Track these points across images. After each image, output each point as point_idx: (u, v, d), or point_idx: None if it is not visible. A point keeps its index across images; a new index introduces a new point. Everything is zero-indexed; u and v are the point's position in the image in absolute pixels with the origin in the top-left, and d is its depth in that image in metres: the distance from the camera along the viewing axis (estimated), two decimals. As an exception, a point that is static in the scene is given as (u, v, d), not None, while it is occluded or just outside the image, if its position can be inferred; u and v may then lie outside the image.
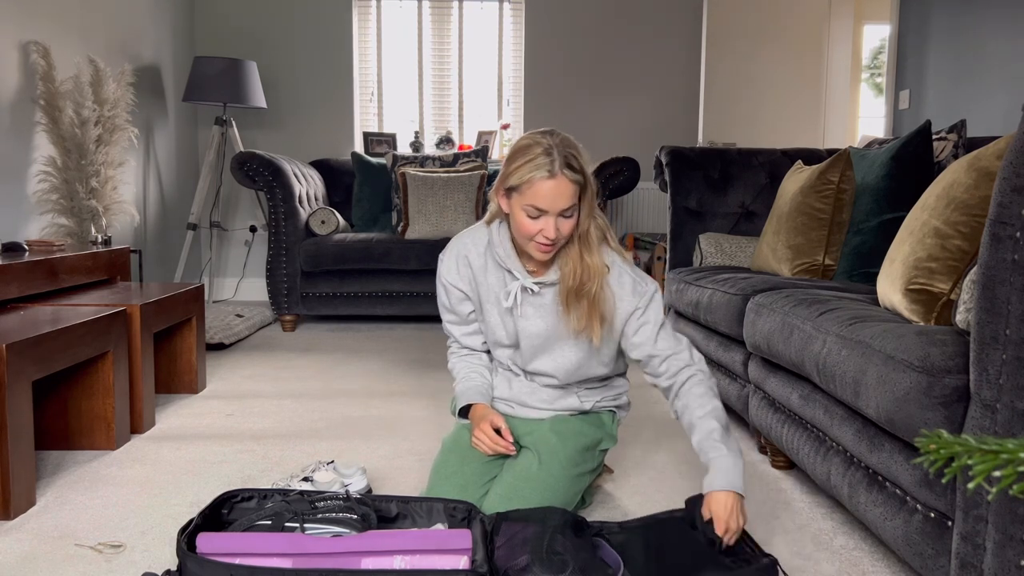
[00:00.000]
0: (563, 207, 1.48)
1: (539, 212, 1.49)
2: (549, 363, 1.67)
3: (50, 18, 3.35)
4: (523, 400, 1.72)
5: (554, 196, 1.47)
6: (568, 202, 1.48)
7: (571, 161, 1.48)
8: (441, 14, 5.03)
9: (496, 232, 1.64)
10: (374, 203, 4.41)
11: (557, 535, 1.37)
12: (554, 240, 1.51)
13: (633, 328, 1.60)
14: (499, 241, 1.62)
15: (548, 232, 1.49)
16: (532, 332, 1.64)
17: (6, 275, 2.16)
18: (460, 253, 1.68)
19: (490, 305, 1.67)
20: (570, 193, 1.48)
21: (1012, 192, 1.02)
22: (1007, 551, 1.04)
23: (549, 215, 1.49)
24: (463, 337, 1.76)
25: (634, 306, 1.59)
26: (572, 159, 1.48)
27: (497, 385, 1.76)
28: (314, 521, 1.44)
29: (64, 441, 2.09)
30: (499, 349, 1.72)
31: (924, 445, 0.48)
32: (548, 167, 1.46)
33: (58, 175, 3.23)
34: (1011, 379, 1.03)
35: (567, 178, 1.47)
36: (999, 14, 3.62)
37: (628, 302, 1.59)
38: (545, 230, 1.49)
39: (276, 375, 2.97)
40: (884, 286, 1.64)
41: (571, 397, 1.71)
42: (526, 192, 1.49)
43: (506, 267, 1.62)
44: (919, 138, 2.38)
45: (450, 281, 1.70)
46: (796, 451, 1.76)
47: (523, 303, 1.62)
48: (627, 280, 1.60)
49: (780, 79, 5.27)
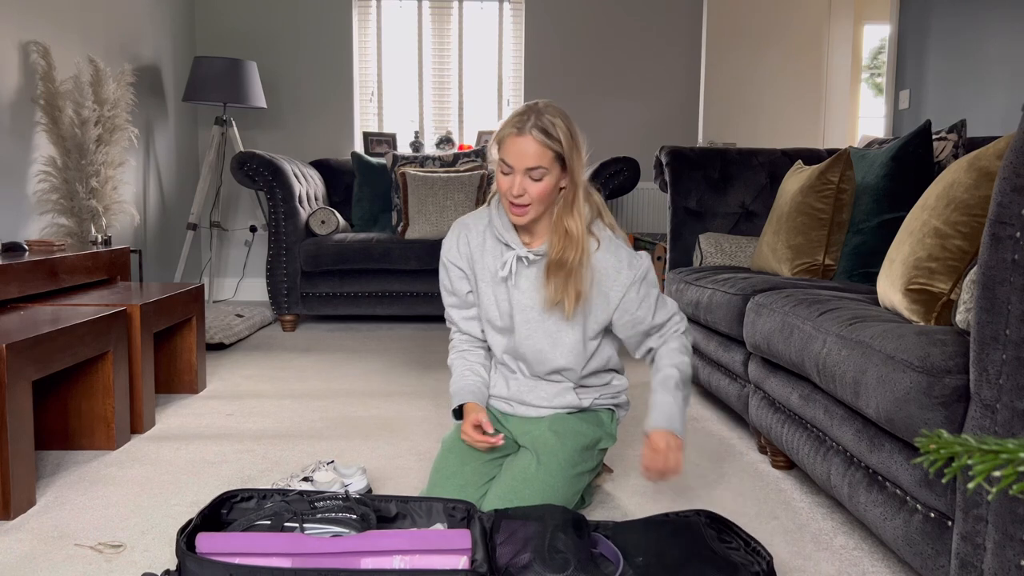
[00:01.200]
0: (528, 165, 1.53)
1: (509, 168, 1.56)
2: (541, 344, 1.67)
3: (50, 18, 3.35)
4: (522, 398, 1.72)
5: (519, 153, 1.53)
6: (534, 162, 1.53)
7: (547, 126, 1.53)
8: (441, 14, 5.03)
9: (496, 208, 1.70)
10: (374, 203, 4.41)
11: (558, 533, 1.37)
12: (521, 199, 1.56)
13: (635, 302, 1.64)
14: (498, 215, 1.68)
15: (514, 188, 1.55)
16: (526, 304, 1.66)
17: (6, 275, 2.16)
18: (460, 232, 1.74)
19: (485, 284, 1.70)
20: (535, 153, 1.53)
21: (1012, 192, 1.02)
22: (1007, 551, 1.04)
23: (516, 172, 1.55)
24: (463, 322, 1.78)
25: (631, 278, 1.63)
26: (549, 125, 1.53)
27: (495, 384, 1.76)
28: (313, 521, 1.44)
29: (64, 441, 2.09)
30: (494, 336, 1.73)
31: (924, 445, 0.48)
32: (517, 125, 1.54)
33: (58, 175, 3.23)
34: (1011, 379, 1.03)
35: (534, 139, 1.53)
36: (999, 14, 3.63)
37: (625, 275, 1.63)
38: (513, 187, 1.55)
39: (276, 375, 2.97)
40: (884, 286, 1.64)
41: (570, 394, 1.70)
42: (501, 148, 1.57)
43: (504, 240, 1.66)
44: (919, 138, 2.38)
45: (450, 259, 1.74)
46: (796, 451, 1.76)
47: (518, 273, 1.66)
48: (623, 253, 1.65)
49: (780, 79, 5.27)
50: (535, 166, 1.54)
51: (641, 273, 1.64)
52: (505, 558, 1.34)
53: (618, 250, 1.64)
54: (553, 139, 1.54)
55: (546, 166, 1.54)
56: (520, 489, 1.58)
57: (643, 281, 1.64)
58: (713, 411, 2.57)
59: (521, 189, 1.55)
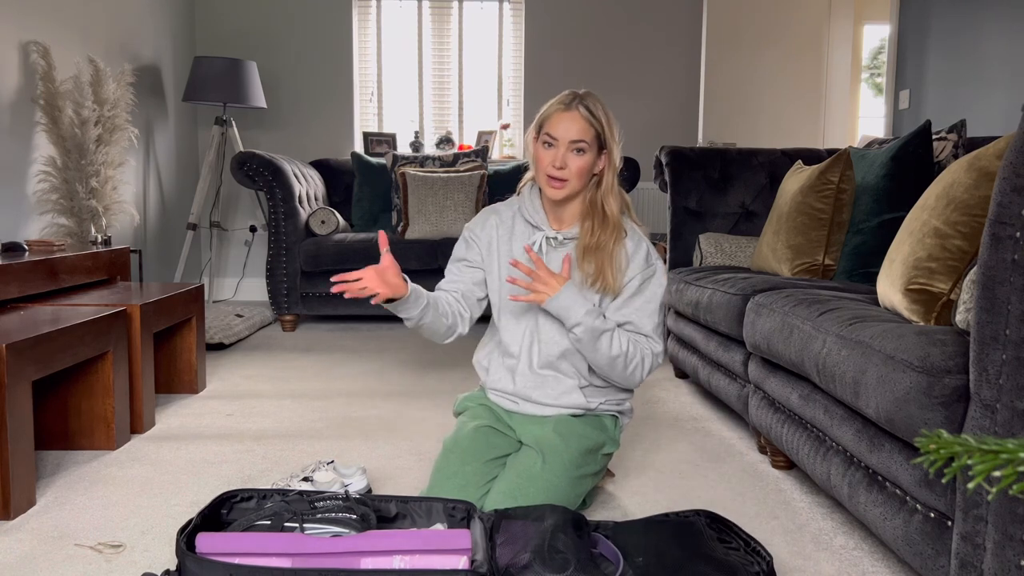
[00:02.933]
0: (573, 138, 1.62)
1: (552, 140, 1.64)
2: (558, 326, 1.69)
3: (50, 18, 3.35)
4: (528, 395, 1.72)
5: (567, 125, 1.63)
6: (578, 135, 1.62)
7: (591, 106, 1.64)
8: (441, 14, 5.03)
9: (528, 193, 1.77)
10: (374, 203, 4.41)
11: (559, 534, 1.37)
12: (563, 172, 1.63)
13: (631, 288, 1.68)
14: (529, 199, 1.76)
15: (557, 160, 1.63)
16: None
17: (6, 275, 2.15)
18: (490, 215, 1.80)
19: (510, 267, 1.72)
20: (581, 127, 1.63)
21: (1012, 192, 1.02)
22: (1007, 551, 1.04)
23: (559, 145, 1.63)
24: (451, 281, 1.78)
25: (641, 268, 1.69)
26: (593, 105, 1.64)
27: (500, 379, 1.76)
28: (313, 521, 1.44)
29: (64, 441, 2.09)
30: (511, 322, 1.74)
31: (924, 445, 0.48)
32: (565, 101, 1.65)
33: (58, 175, 3.23)
34: (1011, 379, 1.03)
35: (580, 114, 1.63)
36: (999, 14, 3.62)
37: (638, 264, 1.70)
38: (556, 159, 1.63)
39: (276, 375, 2.97)
40: (884, 286, 1.64)
41: (576, 393, 1.71)
42: (545, 124, 1.66)
43: (533, 223, 1.73)
44: (919, 138, 2.38)
45: (472, 234, 1.79)
46: (796, 451, 1.76)
47: (547, 254, 1.71)
48: (644, 248, 1.72)
49: (780, 79, 5.27)
50: (579, 139, 1.62)
51: (652, 270, 1.71)
52: (505, 558, 1.34)
53: (640, 242, 1.72)
54: (596, 118, 1.64)
55: (588, 142, 1.63)
56: (524, 487, 1.58)
57: (650, 279, 1.70)
58: (713, 411, 2.56)
59: (563, 161, 1.63)
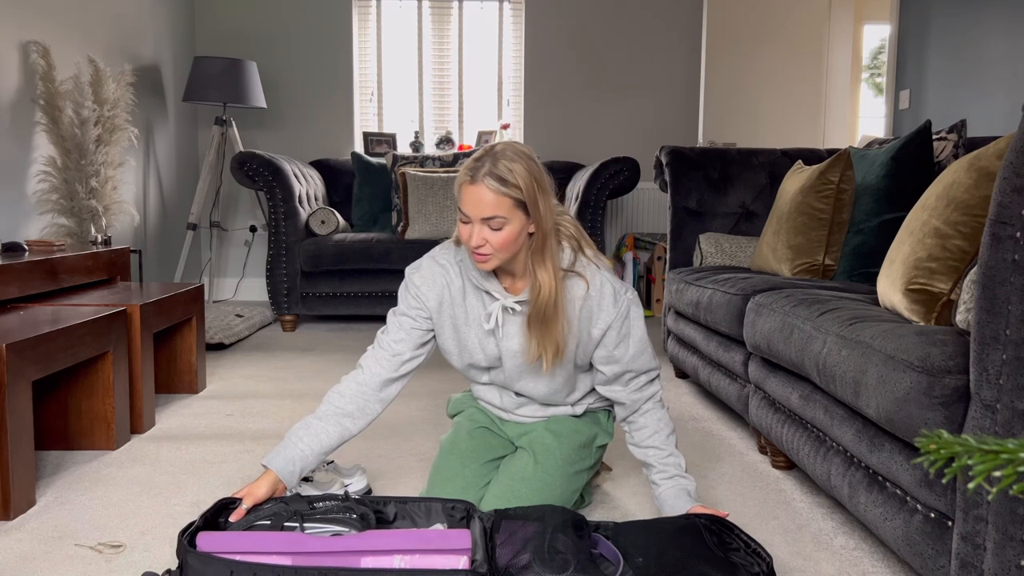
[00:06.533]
0: (484, 215, 1.43)
1: (467, 217, 1.46)
2: (531, 385, 1.64)
3: (50, 18, 3.35)
4: (514, 411, 1.72)
5: (474, 202, 1.43)
6: (490, 211, 1.43)
7: (502, 173, 1.42)
8: (441, 14, 5.03)
9: (467, 255, 1.58)
10: (374, 203, 4.41)
11: (558, 534, 1.37)
12: (484, 248, 1.46)
13: (613, 340, 1.57)
14: (472, 264, 1.56)
15: (473, 239, 1.45)
16: (515, 350, 1.59)
17: (6, 275, 2.15)
18: (433, 264, 1.61)
19: (469, 328, 1.60)
20: (492, 203, 1.42)
21: (1012, 192, 1.02)
22: (1007, 551, 1.04)
23: (473, 222, 1.45)
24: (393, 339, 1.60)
25: (613, 316, 1.55)
26: (505, 171, 1.42)
27: (487, 393, 1.74)
28: (313, 521, 1.44)
29: (64, 441, 2.09)
30: (475, 372, 1.68)
31: (924, 445, 0.48)
32: (471, 172, 1.44)
33: (58, 175, 3.23)
34: (1011, 379, 1.03)
35: (488, 187, 1.42)
36: (999, 14, 3.62)
37: (608, 312, 1.55)
38: (473, 237, 1.45)
39: (276, 375, 2.96)
40: (884, 286, 1.64)
41: (564, 407, 1.70)
42: (458, 197, 1.47)
43: (483, 288, 1.57)
44: (919, 138, 2.38)
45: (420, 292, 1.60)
46: (796, 451, 1.76)
47: (505, 323, 1.58)
48: (608, 290, 1.56)
49: (780, 79, 5.27)
50: (492, 216, 1.43)
51: (623, 311, 1.56)
52: (505, 558, 1.34)
53: (603, 286, 1.55)
54: (510, 186, 1.42)
55: (504, 215, 1.43)
56: (518, 489, 1.58)
57: (625, 319, 1.56)
58: (713, 411, 2.56)
59: (481, 239, 1.45)
